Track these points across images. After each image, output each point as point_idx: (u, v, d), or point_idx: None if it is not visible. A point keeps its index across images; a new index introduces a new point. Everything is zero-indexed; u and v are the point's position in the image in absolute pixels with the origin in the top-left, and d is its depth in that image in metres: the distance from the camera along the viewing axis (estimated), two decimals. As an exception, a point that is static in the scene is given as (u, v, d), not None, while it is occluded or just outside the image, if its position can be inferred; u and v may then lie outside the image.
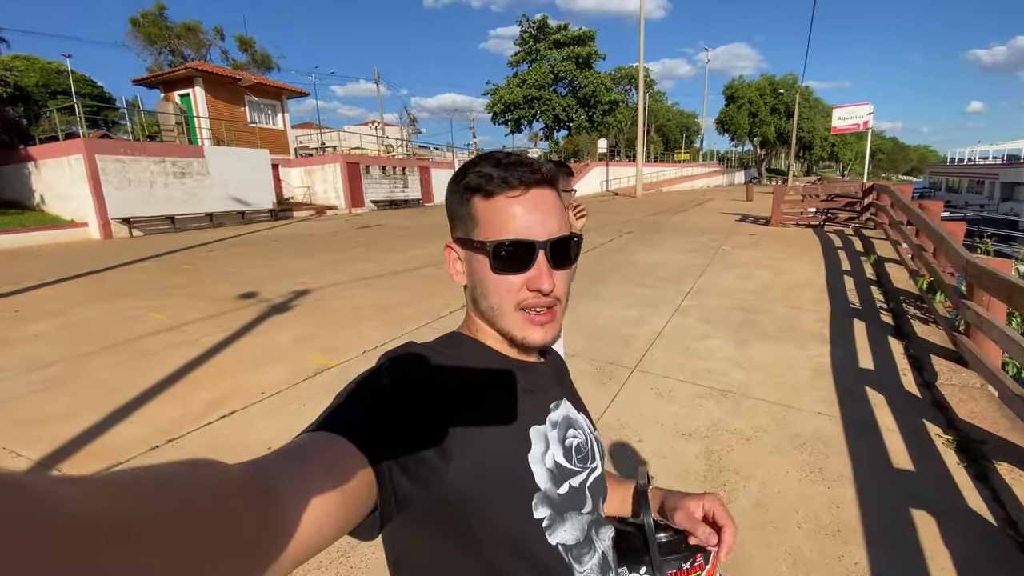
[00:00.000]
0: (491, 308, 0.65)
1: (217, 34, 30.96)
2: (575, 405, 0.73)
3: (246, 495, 0.33)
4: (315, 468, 0.41)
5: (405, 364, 0.58)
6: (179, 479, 0.28)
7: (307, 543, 0.37)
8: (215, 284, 7.15)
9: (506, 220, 0.62)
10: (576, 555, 0.62)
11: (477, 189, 0.63)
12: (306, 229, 14.60)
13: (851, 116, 24.10)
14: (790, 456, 2.75)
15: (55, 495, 0.20)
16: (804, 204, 13.24)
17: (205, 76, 19.03)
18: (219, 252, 10.38)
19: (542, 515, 0.60)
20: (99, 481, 0.23)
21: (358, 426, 0.48)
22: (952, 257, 4.25)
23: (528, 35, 40.96)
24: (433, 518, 0.55)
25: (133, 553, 0.22)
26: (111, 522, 0.22)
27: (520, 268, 0.62)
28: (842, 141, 55.34)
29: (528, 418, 0.63)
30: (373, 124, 34.67)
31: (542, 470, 0.61)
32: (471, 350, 0.67)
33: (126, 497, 0.24)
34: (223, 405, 3.45)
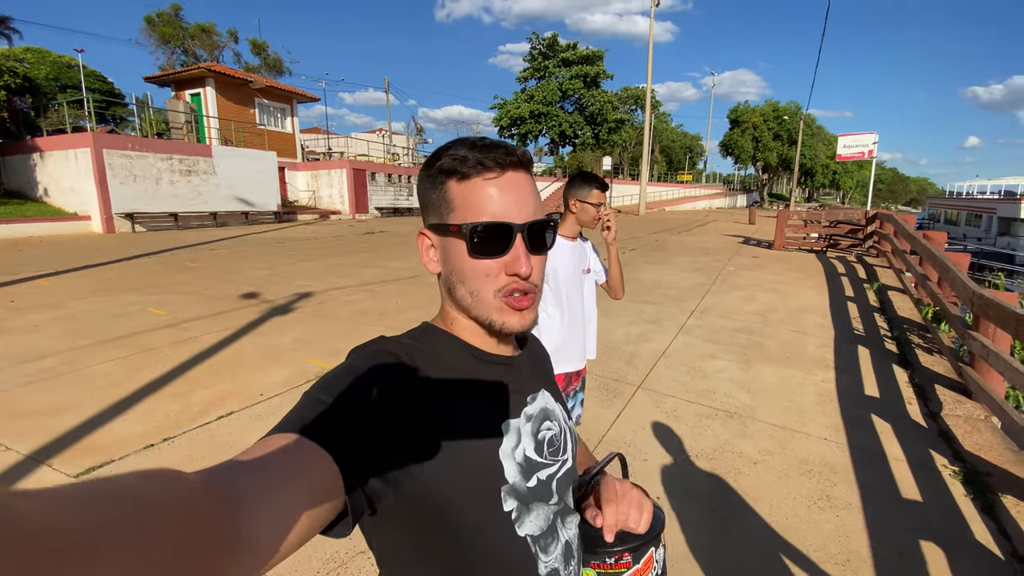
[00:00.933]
0: (468, 294, 0.63)
1: (231, 36, 31.31)
2: (554, 396, 0.72)
3: (207, 504, 0.32)
4: (278, 472, 0.41)
5: (375, 360, 0.56)
6: (137, 491, 0.28)
7: (273, 548, 0.37)
8: (217, 283, 7.13)
9: (483, 202, 0.60)
10: (543, 545, 0.62)
11: (452, 172, 0.61)
12: (310, 233, 14.61)
13: (856, 144, 24.37)
14: (798, 482, 2.71)
15: (15, 510, 0.20)
16: (807, 229, 13.31)
17: (217, 77, 19.20)
18: (222, 251, 10.37)
19: (510, 508, 0.60)
20: (57, 495, 0.23)
21: (324, 427, 0.47)
22: (958, 288, 4.25)
23: (537, 52, 41.55)
24: (405, 514, 0.55)
25: (98, 566, 0.22)
26: (74, 536, 0.22)
27: (498, 252, 0.60)
28: (843, 169, 55.84)
29: (501, 413, 0.62)
30: (380, 132, 34.91)
31: (511, 464, 0.60)
32: (444, 344, 0.65)
33: (86, 511, 0.23)
34: (221, 405, 3.41)
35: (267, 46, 32.55)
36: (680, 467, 2.82)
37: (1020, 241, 21.72)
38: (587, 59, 40.44)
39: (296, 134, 22.49)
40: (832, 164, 53.09)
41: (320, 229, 15.84)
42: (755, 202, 46.43)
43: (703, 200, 45.80)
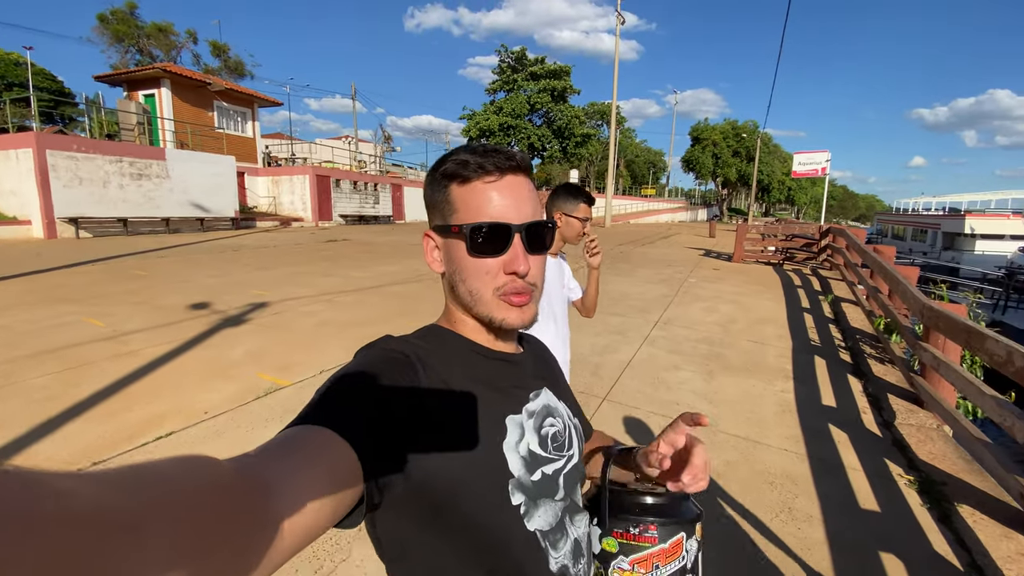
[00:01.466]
0: (469, 293, 0.65)
1: (190, 37, 30.26)
2: (557, 393, 0.73)
3: (239, 488, 0.33)
4: (304, 460, 0.42)
5: (382, 357, 0.59)
6: (177, 474, 0.29)
7: (300, 533, 0.38)
8: (165, 292, 6.73)
9: (482, 204, 0.63)
10: (552, 541, 0.63)
11: (454, 176, 0.64)
12: (269, 240, 14.11)
13: (810, 162, 25.55)
14: (761, 494, 2.70)
15: (64, 489, 0.21)
16: (764, 243, 13.77)
17: (173, 78, 18.45)
18: (173, 259, 9.86)
19: (518, 501, 0.60)
20: (104, 477, 0.24)
21: (341, 418, 0.48)
22: (909, 300, 4.40)
23: (506, 65, 41.93)
24: (413, 506, 0.55)
25: (142, 544, 0.23)
26: (122, 515, 0.23)
27: (497, 251, 0.63)
28: (798, 186, 58.48)
29: (504, 408, 0.63)
30: (347, 139, 34.35)
31: (515, 458, 0.61)
32: (448, 342, 0.67)
33: (132, 492, 0.25)
34: (160, 425, 3.15)
35: (228, 48, 31.65)
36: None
37: (963, 255, 23.17)
38: (555, 73, 41.07)
39: (257, 139, 21.83)
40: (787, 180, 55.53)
41: (280, 236, 15.33)
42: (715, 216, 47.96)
43: (666, 214, 46.99)
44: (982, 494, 2.75)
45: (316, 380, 3.92)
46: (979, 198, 32.92)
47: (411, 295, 7.18)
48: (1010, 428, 2.49)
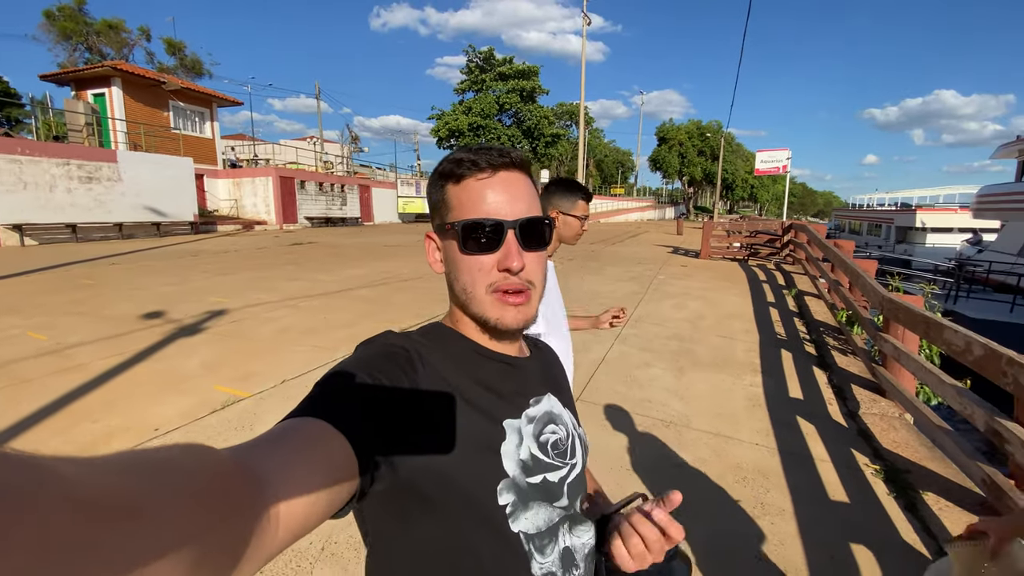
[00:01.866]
0: (463, 291, 0.65)
1: (143, 34, 29.04)
2: (562, 401, 0.72)
3: (236, 478, 0.33)
4: (300, 451, 0.42)
5: (382, 352, 0.59)
6: (176, 461, 0.29)
7: (295, 524, 0.38)
8: (116, 301, 6.37)
9: (475, 201, 0.62)
10: (538, 545, 0.61)
11: (449, 175, 0.64)
12: (230, 244, 13.61)
13: (772, 160, 26.37)
14: (734, 490, 2.69)
15: (66, 473, 0.21)
16: (730, 239, 14.08)
17: (124, 76, 17.62)
18: (125, 265, 9.37)
19: (506, 501, 0.59)
20: (103, 462, 0.24)
21: (338, 411, 0.48)
22: (869, 292, 4.52)
23: (475, 65, 41.78)
24: (398, 499, 0.55)
25: (140, 530, 0.23)
26: (121, 500, 0.23)
27: (489, 248, 0.62)
28: (760, 183, 60.30)
29: (502, 411, 0.63)
30: (312, 139, 33.55)
31: (512, 460, 0.61)
32: (450, 340, 0.67)
33: (131, 478, 0.25)
34: (107, 444, 2.94)
35: (184, 46, 30.51)
36: (621, 483, 2.73)
37: (916, 248, 24.29)
38: (523, 74, 41.13)
39: (216, 139, 21.07)
40: (750, 178, 57.19)
41: (241, 240, 14.81)
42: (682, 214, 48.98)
43: (635, 212, 47.71)
44: (945, 481, 2.82)
45: (278, 391, 3.75)
46: (928, 193, 34.62)
47: (378, 299, 7.00)
48: (970, 415, 2.55)
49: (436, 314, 6.17)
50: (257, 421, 3.27)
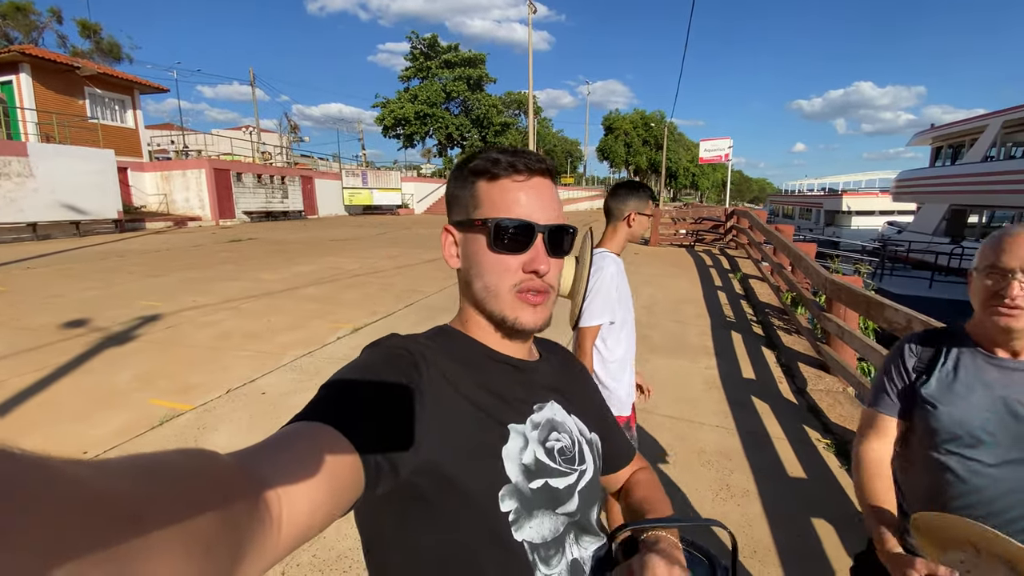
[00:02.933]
0: (485, 288, 0.64)
1: (53, 16, 26.39)
2: (568, 407, 0.70)
3: (240, 483, 0.33)
4: (303, 456, 0.42)
5: (387, 355, 0.58)
6: (178, 466, 0.29)
7: (300, 528, 0.38)
8: (32, 311, 5.75)
9: (509, 202, 0.63)
10: (543, 556, 0.60)
11: (483, 172, 0.64)
12: (161, 243, 12.66)
13: (715, 148, 27.33)
14: (699, 475, 2.74)
15: (72, 474, 0.22)
16: (677, 226, 14.54)
17: (33, 62, 15.88)
18: (41, 270, 8.50)
19: (508, 508, 0.58)
20: (108, 466, 0.25)
21: (342, 415, 0.48)
22: (812, 274, 4.74)
23: (419, 52, 40.77)
24: (401, 502, 0.55)
25: (143, 533, 0.23)
26: (125, 503, 0.23)
27: (519, 249, 0.63)
28: (701, 172, 62.67)
29: (506, 415, 0.62)
30: (248, 129, 31.72)
31: (515, 466, 0.59)
32: (457, 343, 0.66)
33: (135, 482, 0.25)
34: (23, 471, 2.62)
35: (100, 28, 28.03)
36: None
37: (843, 230, 26.02)
38: (469, 61, 40.51)
39: (140, 129, 19.46)
40: (691, 167, 59.30)
41: (173, 238, 13.80)
42: (630, 202, 50.06)
43: (585, 202, 48.36)
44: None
45: (223, 402, 3.49)
46: (852, 179, 37.10)
47: (327, 297, 6.70)
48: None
49: (392, 311, 5.97)
50: (202, 435, 3.02)
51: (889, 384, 1.14)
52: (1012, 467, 0.99)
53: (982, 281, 1.03)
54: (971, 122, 16.79)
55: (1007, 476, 0.99)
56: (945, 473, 1.04)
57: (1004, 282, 0.98)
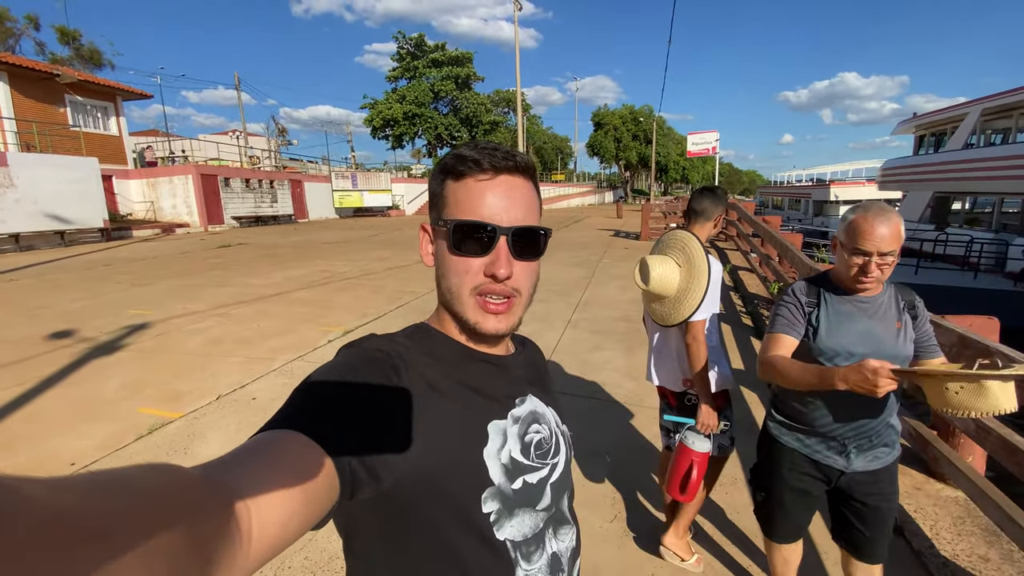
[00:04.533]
0: (448, 290, 0.64)
1: (30, 23, 25.97)
2: (544, 400, 0.71)
3: (206, 496, 0.33)
4: (275, 466, 0.41)
5: (364, 357, 0.57)
6: (144, 481, 0.28)
7: (271, 541, 0.38)
8: (15, 323, 5.68)
9: (471, 202, 0.61)
10: (524, 552, 0.61)
11: (450, 171, 0.63)
12: (148, 251, 12.55)
13: (702, 142, 27.37)
14: (688, 466, 2.76)
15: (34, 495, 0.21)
16: (667, 220, 14.59)
17: (11, 70, 15.63)
18: (25, 281, 8.40)
19: (490, 509, 0.58)
20: (68, 483, 0.24)
21: (316, 422, 0.47)
22: (798, 264, 4.79)
23: (406, 51, 40.53)
24: (382, 506, 0.54)
25: (111, 551, 0.23)
26: (90, 522, 0.22)
27: (479, 251, 0.61)
28: (691, 165, 62.86)
29: (487, 413, 0.62)
30: (234, 133, 31.45)
31: (496, 465, 0.59)
32: (435, 342, 0.65)
33: (100, 498, 0.24)
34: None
35: (79, 34, 27.58)
36: (582, 470, 2.73)
37: (831, 220, 26.24)
38: (457, 60, 40.34)
39: (124, 136, 19.24)
40: (681, 160, 59.47)
41: (161, 246, 13.68)
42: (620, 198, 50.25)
43: (576, 198, 48.46)
44: (874, 437, 3.03)
45: (213, 409, 3.47)
46: (839, 168, 37.41)
47: (318, 301, 6.67)
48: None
49: (383, 313, 5.96)
50: (192, 444, 3.01)
51: (789, 314, 1.47)
52: None
53: (849, 258, 1.38)
54: (952, 110, 16.96)
55: None
56: None
57: (864, 261, 1.34)
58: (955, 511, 2.42)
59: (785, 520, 1.61)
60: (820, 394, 1.42)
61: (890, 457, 1.48)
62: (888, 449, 1.47)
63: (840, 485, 1.50)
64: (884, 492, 1.48)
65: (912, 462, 2.76)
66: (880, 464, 1.46)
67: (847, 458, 1.45)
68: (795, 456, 1.53)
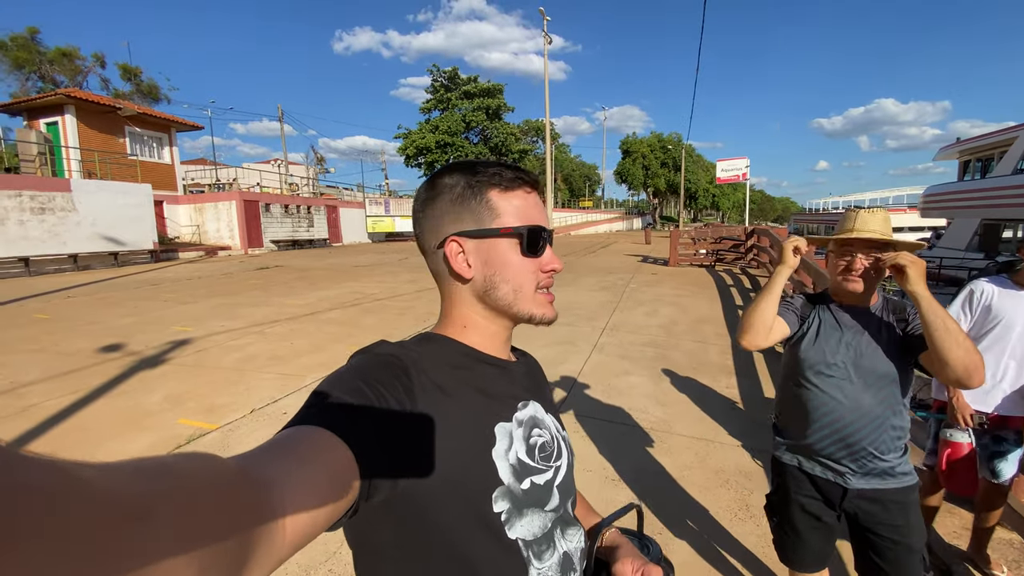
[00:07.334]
0: (512, 292, 0.68)
1: (97, 61, 28.16)
2: (545, 407, 0.74)
3: (243, 484, 0.34)
4: (304, 459, 0.42)
5: (377, 361, 0.59)
6: (184, 467, 0.29)
7: (302, 529, 0.39)
8: (71, 336, 6.04)
9: (527, 211, 0.69)
10: (536, 551, 0.62)
11: (495, 184, 0.67)
12: (193, 271, 13.16)
13: (732, 168, 27.18)
14: (717, 495, 2.70)
15: (84, 476, 0.22)
16: (696, 246, 14.42)
17: (78, 103, 16.98)
18: (81, 298, 8.93)
19: (501, 509, 0.60)
20: (116, 467, 0.25)
21: (337, 419, 0.48)
22: (832, 291, 4.67)
23: (439, 84, 42.03)
24: (395, 508, 0.54)
25: (152, 531, 0.24)
26: (135, 502, 0.24)
27: (540, 251, 0.69)
28: (721, 192, 62.21)
29: (494, 415, 0.64)
30: (276, 162, 33.01)
31: (505, 465, 0.61)
32: (444, 347, 0.67)
33: (143, 482, 0.26)
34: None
35: (140, 71, 29.69)
36: (604, 495, 2.70)
37: None
38: (488, 92, 41.57)
39: (176, 165, 20.46)
40: (711, 188, 58.97)
41: (205, 267, 14.34)
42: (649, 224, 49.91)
43: (604, 224, 48.46)
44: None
45: (247, 422, 3.60)
46: (879, 195, 36.42)
47: (348, 321, 6.85)
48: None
49: (410, 334, 6.07)
50: (226, 455, 3.11)
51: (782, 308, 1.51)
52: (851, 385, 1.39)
53: (836, 259, 1.46)
54: (999, 135, 16.37)
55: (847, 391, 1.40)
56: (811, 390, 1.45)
57: (850, 258, 1.41)
58: (1010, 554, 2.28)
59: (799, 546, 1.56)
60: (804, 402, 1.47)
61: (896, 481, 1.40)
62: (892, 464, 1.39)
63: (847, 508, 1.45)
64: (896, 524, 1.39)
65: (963, 502, 2.62)
66: (885, 484, 1.40)
67: (844, 476, 1.42)
68: (799, 477, 1.52)
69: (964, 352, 1.21)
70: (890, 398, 1.38)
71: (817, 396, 1.43)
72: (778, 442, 1.59)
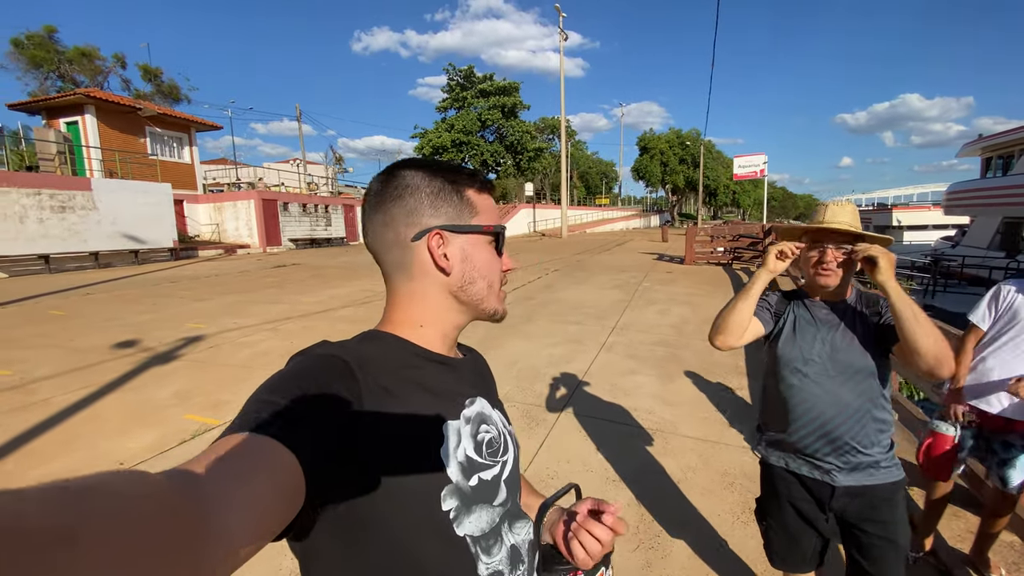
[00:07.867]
0: (487, 287, 0.69)
1: (117, 61, 28.80)
2: (491, 402, 0.74)
3: (174, 498, 0.33)
4: (243, 470, 0.40)
5: (318, 363, 0.57)
6: (109, 486, 0.28)
7: (241, 545, 0.37)
8: (87, 332, 6.18)
9: (493, 212, 0.72)
10: (484, 547, 0.62)
11: (471, 184, 0.70)
12: (211, 269, 13.39)
13: (749, 164, 26.70)
14: (720, 497, 2.63)
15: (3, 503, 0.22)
16: (713, 244, 14.19)
17: (98, 104, 17.40)
18: (99, 295, 9.14)
19: (449, 507, 0.60)
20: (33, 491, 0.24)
21: (279, 425, 0.46)
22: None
23: (455, 83, 42.08)
24: (341, 512, 0.54)
25: (77, 556, 0.23)
26: (56, 528, 0.23)
27: (501, 252, 0.72)
28: (742, 189, 61.24)
29: (442, 413, 0.63)
30: (295, 162, 33.44)
31: (454, 463, 0.61)
32: (389, 345, 0.66)
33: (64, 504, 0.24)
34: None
35: (160, 72, 30.30)
36: (605, 494, 2.65)
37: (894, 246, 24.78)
38: (504, 90, 41.47)
39: (196, 164, 20.85)
40: (731, 184, 58.05)
41: (223, 265, 14.58)
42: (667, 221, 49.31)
43: (620, 222, 48.08)
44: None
45: (252, 416, 3.62)
46: (903, 192, 35.48)
47: (360, 318, 6.89)
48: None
49: (419, 331, 6.07)
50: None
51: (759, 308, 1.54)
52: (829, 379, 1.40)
53: (808, 253, 1.46)
54: (1020, 131, 15.80)
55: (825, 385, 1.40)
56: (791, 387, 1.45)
57: (822, 250, 1.42)
58: (1010, 556, 2.19)
59: (791, 548, 1.53)
60: (785, 399, 1.47)
61: (883, 476, 1.39)
62: (877, 458, 1.39)
63: (835, 507, 1.43)
64: (883, 520, 1.38)
65: (967, 504, 2.52)
66: (871, 480, 1.38)
67: (830, 474, 1.41)
68: (788, 479, 1.51)
69: (933, 341, 1.23)
70: (869, 391, 1.39)
71: (797, 392, 1.44)
72: (763, 442, 1.59)
